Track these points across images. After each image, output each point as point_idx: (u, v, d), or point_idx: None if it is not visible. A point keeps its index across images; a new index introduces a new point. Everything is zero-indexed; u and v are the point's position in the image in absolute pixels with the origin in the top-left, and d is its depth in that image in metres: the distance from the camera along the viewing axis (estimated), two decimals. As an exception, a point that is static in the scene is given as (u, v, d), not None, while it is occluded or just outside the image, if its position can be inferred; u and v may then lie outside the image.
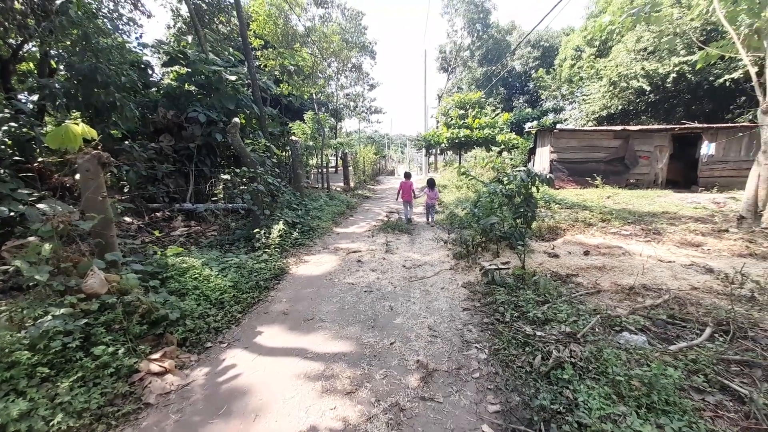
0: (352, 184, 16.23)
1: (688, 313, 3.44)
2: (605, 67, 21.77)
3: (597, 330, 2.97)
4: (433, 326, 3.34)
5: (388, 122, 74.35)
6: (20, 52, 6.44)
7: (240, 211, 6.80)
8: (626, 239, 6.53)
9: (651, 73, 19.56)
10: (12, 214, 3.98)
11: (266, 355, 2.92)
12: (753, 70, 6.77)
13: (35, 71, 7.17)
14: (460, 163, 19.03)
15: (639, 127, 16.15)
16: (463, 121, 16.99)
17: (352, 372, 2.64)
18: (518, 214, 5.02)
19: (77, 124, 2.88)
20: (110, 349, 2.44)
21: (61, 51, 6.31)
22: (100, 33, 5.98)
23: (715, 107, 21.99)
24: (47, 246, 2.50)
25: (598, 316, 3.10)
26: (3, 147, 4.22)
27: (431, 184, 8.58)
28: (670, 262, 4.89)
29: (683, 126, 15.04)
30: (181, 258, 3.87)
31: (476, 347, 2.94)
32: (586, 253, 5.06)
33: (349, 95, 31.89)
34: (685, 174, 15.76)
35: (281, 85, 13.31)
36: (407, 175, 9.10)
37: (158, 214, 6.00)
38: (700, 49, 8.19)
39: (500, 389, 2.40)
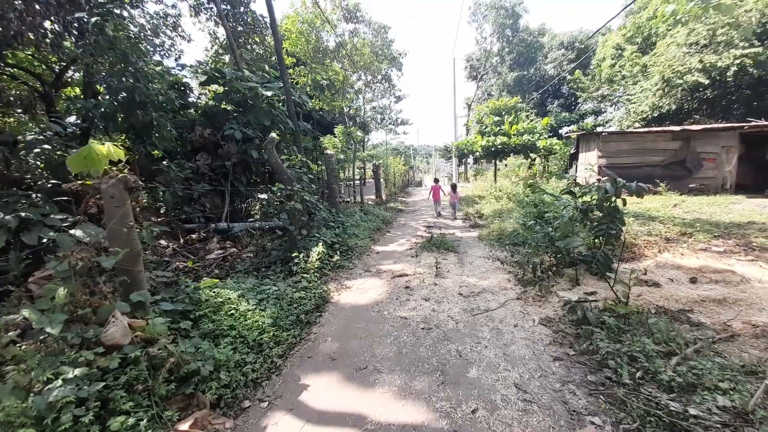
0: (384, 197, 15.74)
1: None
2: (654, 63, 20.13)
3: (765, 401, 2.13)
4: (521, 384, 2.61)
5: (414, 133, 73.95)
6: (64, 77, 6.53)
7: (276, 231, 6.41)
8: (721, 257, 5.44)
9: (708, 66, 17.79)
10: (45, 241, 3.76)
11: (316, 423, 2.32)
12: None
13: (81, 96, 7.34)
14: (495, 171, 18.04)
15: (703, 126, 14.51)
16: (499, 128, 16.10)
17: (432, 458, 1.98)
18: (600, 232, 4.20)
19: (103, 144, 2.51)
20: (131, 421, 1.94)
21: (103, 73, 6.34)
22: (138, 53, 5.91)
23: (781, 103, 19.62)
24: (62, 291, 2.09)
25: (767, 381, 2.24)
26: (38, 171, 4.05)
27: (454, 188, 11.79)
28: (806, 291, 3.85)
29: (755, 124, 13.31)
30: (215, 291, 3.42)
31: (592, 423, 2.18)
32: (693, 281, 4.11)
33: (375, 108, 31.86)
34: (754, 177, 13.90)
35: (312, 101, 13.22)
36: (436, 180, 12.43)
37: (194, 236, 5.72)
38: (758, 39, 7.04)
39: (657, 504, 1.65)
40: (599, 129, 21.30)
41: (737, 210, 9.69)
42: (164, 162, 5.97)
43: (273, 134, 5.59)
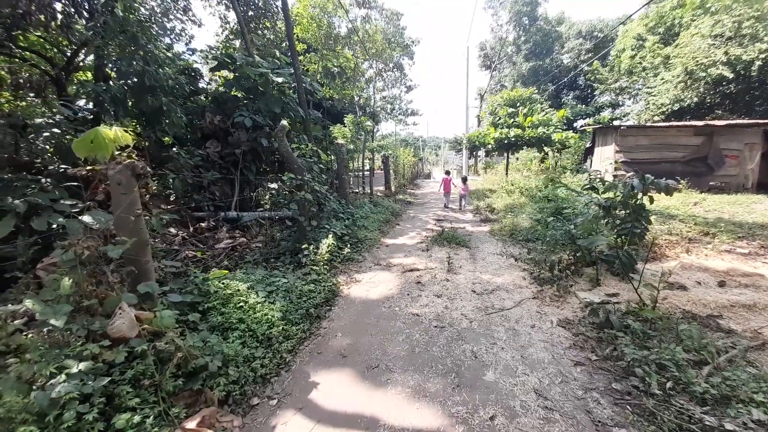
0: (393, 189, 15.56)
1: None
2: (677, 54, 19.31)
3: (815, 422, 1.97)
4: (540, 390, 2.49)
5: (423, 124, 73.15)
6: (75, 61, 6.45)
7: (286, 221, 6.32)
8: (747, 260, 5.20)
9: (733, 59, 16.99)
10: (54, 227, 3.72)
11: (327, 424, 2.24)
12: None
13: (92, 80, 7.26)
14: (507, 164, 17.66)
15: (727, 121, 13.94)
16: (513, 119, 15.68)
17: (449, 467, 1.88)
18: (624, 231, 4.00)
19: (110, 127, 2.40)
20: (136, 419, 1.88)
21: (113, 57, 6.25)
22: (148, 36, 5.79)
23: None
24: (66, 281, 2.02)
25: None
26: (48, 155, 3.99)
27: (464, 180, 12.10)
28: (844, 299, 3.62)
29: (783, 120, 12.73)
30: (224, 283, 3.34)
31: (620, 435, 2.05)
32: (722, 284, 3.90)
33: (386, 98, 31.43)
34: (776, 176, 13.36)
35: (323, 89, 13.01)
36: (447, 172, 12.85)
37: (203, 225, 5.66)
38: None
39: None
40: (616, 122, 20.68)
41: (760, 210, 9.30)
42: (174, 149, 5.89)
43: (284, 122, 5.44)
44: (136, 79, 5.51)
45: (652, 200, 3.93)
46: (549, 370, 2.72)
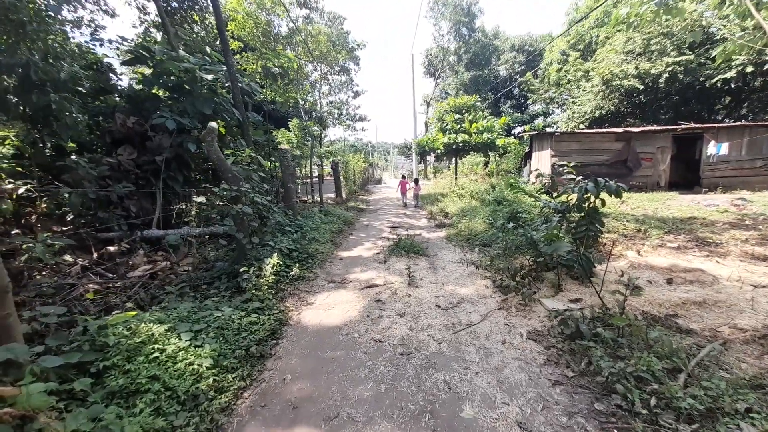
0: (344, 196, 15.03)
1: None
2: (595, 69, 21.61)
3: (795, 430, 1.91)
4: (524, 422, 2.19)
5: (372, 130, 73.63)
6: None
7: (221, 238, 5.48)
8: (678, 254, 5.62)
9: (643, 73, 19.43)
10: None
11: None
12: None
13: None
14: (456, 169, 18.15)
15: (641, 128, 15.75)
16: (459, 125, 16.16)
17: None
18: (580, 234, 3.99)
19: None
20: None
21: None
22: (42, 23, 4.66)
23: (701, 109, 22.17)
24: None
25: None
26: None
27: (416, 182, 14.07)
28: (765, 287, 3.95)
29: (686, 126, 14.72)
30: (132, 328, 2.59)
31: (618, 473, 1.81)
32: (670, 282, 4.05)
33: (333, 103, 30.85)
34: (685, 175, 15.44)
35: (264, 90, 12.09)
36: (403, 176, 15.04)
37: (111, 249, 4.64)
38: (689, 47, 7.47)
39: None
40: (549, 129, 22.48)
41: (675, 206, 10.49)
42: (72, 156, 4.80)
43: (213, 123, 4.70)
44: (21, 73, 4.40)
45: (604, 203, 3.97)
46: (528, 395, 2.45)
